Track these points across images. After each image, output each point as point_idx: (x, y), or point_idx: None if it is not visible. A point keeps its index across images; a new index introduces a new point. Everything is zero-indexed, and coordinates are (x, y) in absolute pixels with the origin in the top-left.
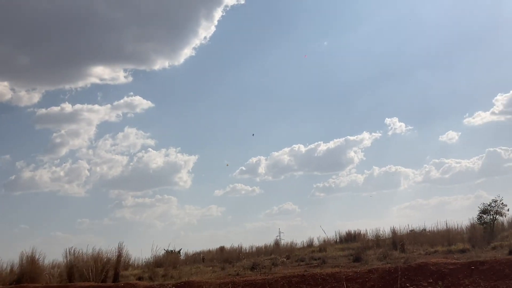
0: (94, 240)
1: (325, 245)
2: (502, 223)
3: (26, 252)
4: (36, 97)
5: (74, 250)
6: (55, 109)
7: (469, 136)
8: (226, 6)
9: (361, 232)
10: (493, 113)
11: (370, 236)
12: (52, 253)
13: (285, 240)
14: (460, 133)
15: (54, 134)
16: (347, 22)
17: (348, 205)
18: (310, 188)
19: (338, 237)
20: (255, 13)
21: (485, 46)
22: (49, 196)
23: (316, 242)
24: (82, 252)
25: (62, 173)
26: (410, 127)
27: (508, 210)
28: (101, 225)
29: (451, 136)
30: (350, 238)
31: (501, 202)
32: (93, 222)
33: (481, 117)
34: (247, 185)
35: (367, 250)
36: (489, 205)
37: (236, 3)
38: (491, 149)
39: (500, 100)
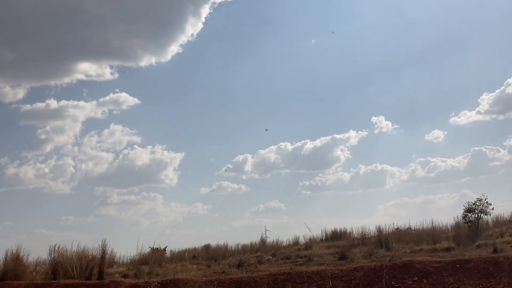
0: (79, 237)
1: (311, 243)
2: (487, 221)
3: (11, 249)
4: (21, 93)
5: (58, 247)
6: (40, 105)
7: (455, 135)
8: (214, 3)
9: (347, 230)
10: (478, 112)
11: (356, 234)
12: (37, 250)
13: (271, 238)
14: (445, 132)
15: (39, 131)
16: (334, 20)
17: (334, 203)
18: (296, 186)
19: (324, 235)
20: (242, 11)
21: (471, 46)
22: (33, 193)
23: (302, 240)
24: (66, 250)
25: (47, 170)
26: (396, 126)
27: (492, 209)
28: (86, 222)
29: (437, 135)
30: (336, 236)
31: (485, 201)
32: (78, 219)
33: (466, 116)
34: (233, 183)
35: (352, 248)
36: (474, 204)
37: (223, 0)
38: (477, 148)
39: (485, 99)
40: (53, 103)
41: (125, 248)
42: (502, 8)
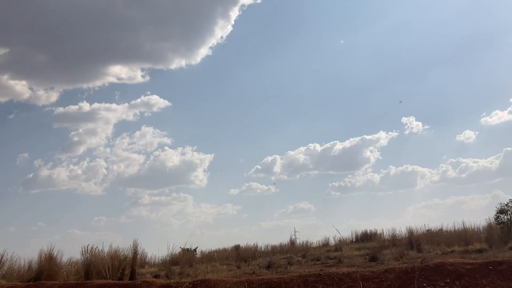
0: (111, 237)
1: (340, 245)
2: None
3: (44, 250)
4: (54, 96)
5: (91, 248)
6: (73, 108)
7: (486, 135)
8: (243, 5)
9: (377, 231)
10: (510, 112)
11: (386, 236)
12: (70, 250)
13: (301, 239)
14: (477, 132)
15: (72, 133)
16: (363, 20)
17: (363, 205)
18: (325, 187)
19: (354, 237)
20: (271, 12)
21: (501, 44)
22: (66, 194)
23: (331, 242)
24: (99, 250)
25: (79, 172)
26: (427, 127)
27: None
28: (118, 223)
29: (468, 135)
30: (366, 237)
31: None
32: (110, 220)
33: (498, 116)
34: (262, 184)
35: (383, 250)
36: (506, 205)
37: (252, 2)
38: (509, 148)
39: None
40: (85, 106)
41: (156, 248)
42: None
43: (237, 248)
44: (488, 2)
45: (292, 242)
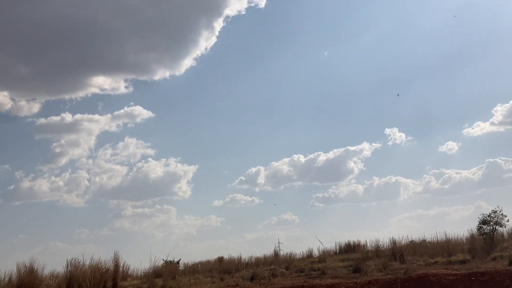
0: (93, 250)
1: (324, 256)
2: (502, 234)
3: (25, 262)
4: (36, 107)
5: (74, 261)
6: (55, 118)
7: (469, 146)
8: (227, 16)
9: (361, 242)
10: (492, 123)
11: (369, 247)
12: (51, 263)
13: (285, 250)
14: (459, 143)
15: (54, 144)
16: (347, 32)
17: (347, 216)
18: (309, 198)
19: (337, 248)
20: (255, 24)
21: (484, 56)
22: (48, 206)
23: (315, 253)
24: (81, 263)
25: (61, 183)
26: (410, 138)
27: (507, 220)
28: (100, 235)
29: (451, 146)
30: (350, 249)
31: (500, 213)
32: (92, 232)
33: (480, 128)
34: (246, 195)
35: (366, 261)
36: (488, 215)
37: (237, 14)
38: (491, 159)
39: (499, 110)
40: (68, 117)
41: (139, 261)
42: None
43: (220, 260)
44: (470, 15)
45: (276, 254)
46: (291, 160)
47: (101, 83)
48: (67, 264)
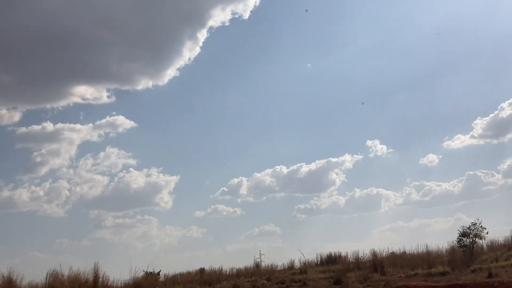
0: (73, 261)
1: (305, 267)
2: (482, 246)
3: (3, 273)
4: (17, 115)
5: (53, 272)
6: (36, 128)
7: (449, 159)
8: (211, 27)
9: (342, 254)
10: (472, 136)
11: (350, 259)
12: (30, 274)
13: (266, 262)
14: (440, 156)
15: (35, 153)
16: (330, 44)
17: (329, 227)
18: (291, 209)
19: (318, 259)
20: (239, 35)
21: (465, 70)
22: (28, 216)
23: (297, 264)
24: (60, 274)
25: (41, 193)
26: (391, 150)
27: (487, 233)
28: (80, 246)
29: (432, 159)
30: (331, 260)
31: (480, 225)
32: (72, 243)
33: (460, 140)
34: (228, 206)
35: (347, 273)
36: (468, 228)
37: (221, 25)
38: (471, 172)
39: (479, 123)
40: (49, 126)
41: (119, 272)
42: (496, 33)
43: (201, 271)
44: (451, 29)
45: (257, 265)
46: (274, 171)
47: (83, 92)
48: (46, 275)
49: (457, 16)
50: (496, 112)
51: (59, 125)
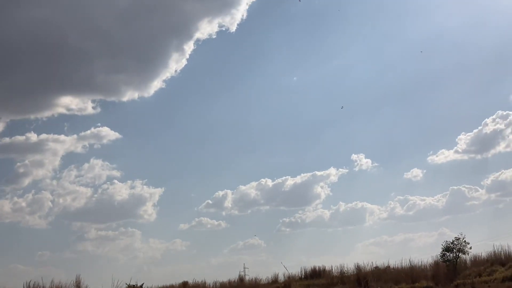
0: (55, 273)
1: (289, 281)
2: (465, 261)
3: None
4: (0, 126)
5: (33, 284)
6: (20, 138)
7: (433, 173)
8: (198, 40)
9: (326, 268)
10: (456, 151)
11: (335, 273)
12: (11, 286)
13: (250, 275)
14: (424, 170)
15: (18, 164)
16: (316, 58)
17: (313, 241)
18: (276, 223)
19: (303, 273)
20: (226, 48)
21: (449, 86)
22: (9, 227)
23: (281, 278)
24: (41, 286)
25: (24, 204)
26: (376, 164)
27: (470, 248)
28: (62, 258)
29: (416, 173)
30: (315, 274)
31: (464, 240)
32: (54, 255)
33: (444, 155)
34: (213, 219)
35: (331, 287)
36: (452, 242)
37: (208, 37)
38: (455, 187)
39: (463, 139)
40: (33, 137)
41: (101, 285)
42: (480, 49)
43: (185, 284)
44: (436, 44)
45: (241, 279)
46: (259, 184)
47: (68, 103)
48: (23, 286)
49: (442, 32)
50: (480, 127)
51: (43, 136)
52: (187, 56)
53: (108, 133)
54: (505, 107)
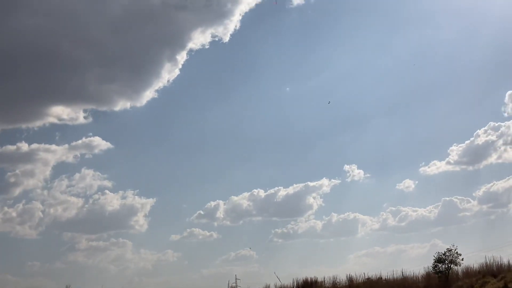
0: (45, 284)
1: None
2: (457, 272)
3: None
4: None
5: None
6: (11, 148)
7: (425, 185)
8: (191, 50)
9: (318, 279)
10: (448, 162)
11: (327, 284)
12: None
13: (242, 286)
14: (416, 181)
15: (8, 174)
16: (308, 69)
17: (306, 252)
18: (268, 234)
19: (295, 284)
20: (219, 59)
21: (441, 97)
22: None
23: None
24: None
25: (14, 214)
26: (368, 175)
27: (462, 259)
28: (53, 268)
29: (408, 184)
30: (307, 285)
31: (455, 251)
32: (44, 265)
33: (436, 167)
34: (204, 230)
35: None
36: (444, 254)
37: (200, 47)
38: (447, 198)
39: (455, 150)
40: (24, 146)
41: None
42: (472, 62)
43: None
44: (428, 56)
45: None
46: (251, 194)
47: (59, 112)
48: None
49: (434, 44)
50: (471, 139)
51: (34, 146)
52: (180, 66)
53: (100, 143)
54: (496, 119)
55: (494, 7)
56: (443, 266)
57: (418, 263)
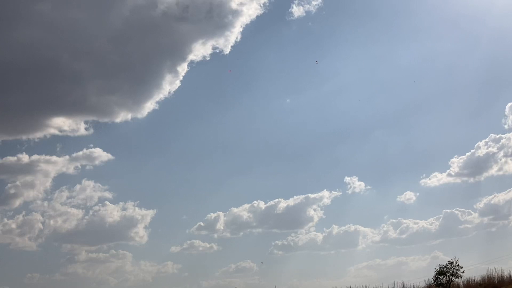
0: None
1: None
2: (458, 285)
3: None
4: None
5: None
6: (11, 159)
7: (426, 196)
8: (192, 62)
9: None
10: (449, 174)
11: None
12: None
13: None
14: (417, 193)
15: (9, 185)
16: (309, 81)
17: (306, 264)
18: (268, 245)
19: None
20: (219, 70)
21: (442, 109)
22: None
23: None
24: None
25: (14, 226)
26: (369, 187)
27: (463, 272)
28: (52, 280)
29: (409, 196)
30: None
31: (457, 264)
32: (43, 277)
33: (437, 178)
34: (204, 242)
35: None
36: (445, 266)
37: (201, 59)
38: (448, 210)
39: (456, 162)
40: (24, 158)
41: None
42: (472, 73)
43: None
44: (428, 67)
45: None
46: (251, 206)
47: (60, 124)
48: None
49: (434, 56)
50: (472, 150)
51: (35, 157)
52: (181, 78)
53: (101, 154)
54: (497, 131)
55: (494, 19)
56: (444, 278)
57: (419, 276)
